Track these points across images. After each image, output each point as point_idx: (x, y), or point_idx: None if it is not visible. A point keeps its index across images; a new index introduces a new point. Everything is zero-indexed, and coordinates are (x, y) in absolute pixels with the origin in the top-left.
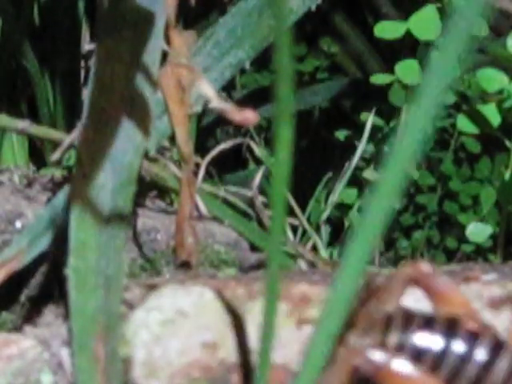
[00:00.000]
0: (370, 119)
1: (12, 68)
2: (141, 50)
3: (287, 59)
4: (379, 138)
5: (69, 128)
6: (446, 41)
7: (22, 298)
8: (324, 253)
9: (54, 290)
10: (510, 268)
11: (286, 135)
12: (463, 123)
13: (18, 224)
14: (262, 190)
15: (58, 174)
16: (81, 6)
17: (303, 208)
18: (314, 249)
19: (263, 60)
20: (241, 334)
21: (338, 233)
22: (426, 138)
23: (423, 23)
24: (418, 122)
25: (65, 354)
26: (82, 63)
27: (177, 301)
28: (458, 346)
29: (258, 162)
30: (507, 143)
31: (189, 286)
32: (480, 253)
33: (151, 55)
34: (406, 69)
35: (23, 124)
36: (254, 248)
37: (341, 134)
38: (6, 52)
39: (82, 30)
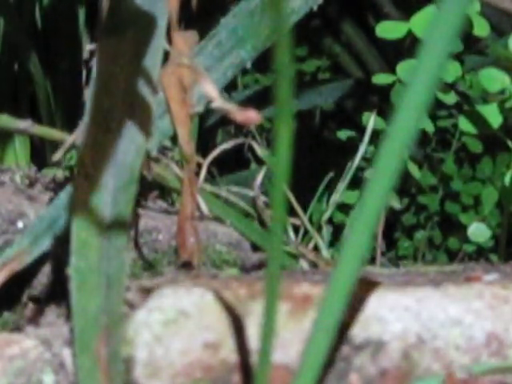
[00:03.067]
0: (371, 120)
1: (14, 69)
2: (142, 51)
3: (287, 59)
4: (381, 138)
5: (70, 128)
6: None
7: (24, 298)
8: (325, 253)
9: (55, 290)
10: (511, 268)
11: (286, 135)
12: (465, 123)
13: (20, 224)
14: (264, 190)
15: (59, 174)
16: (82, 7)
17: (305, 208)
18: (316, 249)
19: (265, 60)
20: (242, 334)
21: (339, 233)
22: (418, 127)
23: (424, 23)
24: (408, 119)
25: (67, 353)
26: (84, 64)
27: (178, 301)
28: None
29: (260, 162)
30: (509, 143)
31: (190, 286)
32: (481, 253)
33: (153, 56)
34: (408, 69)
35: (25, 124)
36: (255, 248)
37: (342, 135)
38: (8, 53)
39: (83, 31)
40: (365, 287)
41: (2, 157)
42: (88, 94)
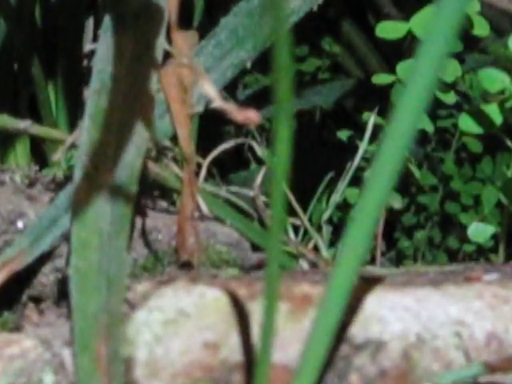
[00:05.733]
0: (371, 119)
1: (14, 69)
2: (143, 51)
3: (287, 59)
4: (380, 137)
5: (70, 128)
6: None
7: (24, 298)
8: (325, 253)
9: (55, 290)
10: (511, 268)
11: (286, 135)
12: (465, 123)
13: (20, 224)
14: (264, 190)
15: (59, 174)
16: (82, 7)
17: (305, 208)
18: (316, 249)
19: (266, 60)
20: (242, 334)
21: (339, 233)
22: (418, 125)
23: (424, 23)
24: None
25: (66, 353)
26: (84, 64)
27: (178, 301)
28: None
29: (260, 161)
30: (509, 143)
31: (190, 286)
32: (481, 253)
33: (153, 55)
34: (407, 69)
35: (25, 124)
36: (255, 248)
37: (343, 134)
38: (7, 53)
39: (84, 30)
40: (366, 285)
41: (2, 157)
42: (88, 94)
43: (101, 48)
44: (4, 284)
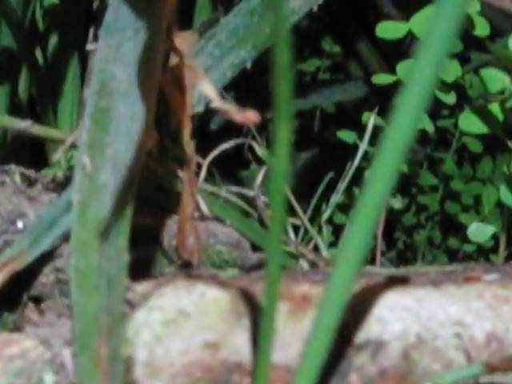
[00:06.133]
0: (371, 119)
1: (14, 69)
2: (144, 50)
3: (287, 59)
4: (381, 138)
5: (70, 128)
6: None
7: (24, 298)
8: (325, 253)
9: (55, 290)
10: (511, 268)
11: (285, 135)
12: (465, 123)
13: (20, 224)
14: (264, 190)
15: (59, 174)
16: (82, 7)
17: (305, 208)
18: (316, 249)
19: (265, 60)
20: (242, 333)
21: (339, 233)
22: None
23: (424, 23)
24: (407, 118)
25: (67, 353)
26: (84, 64)
27: (178, 301)
28: None
29: (260, 161)
30: (509, 143)
31: (190, 286)
32: (482, 253)
33: (153, 56)
34: (407, 69)
35: (25, 124)
36: (255, 248)
37: (343, 135)
38: (7, 53)
39: (84, 30)
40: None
41: (2, 157)
42: (88, 94)
43: (101, 48)
44: (4, 284)
